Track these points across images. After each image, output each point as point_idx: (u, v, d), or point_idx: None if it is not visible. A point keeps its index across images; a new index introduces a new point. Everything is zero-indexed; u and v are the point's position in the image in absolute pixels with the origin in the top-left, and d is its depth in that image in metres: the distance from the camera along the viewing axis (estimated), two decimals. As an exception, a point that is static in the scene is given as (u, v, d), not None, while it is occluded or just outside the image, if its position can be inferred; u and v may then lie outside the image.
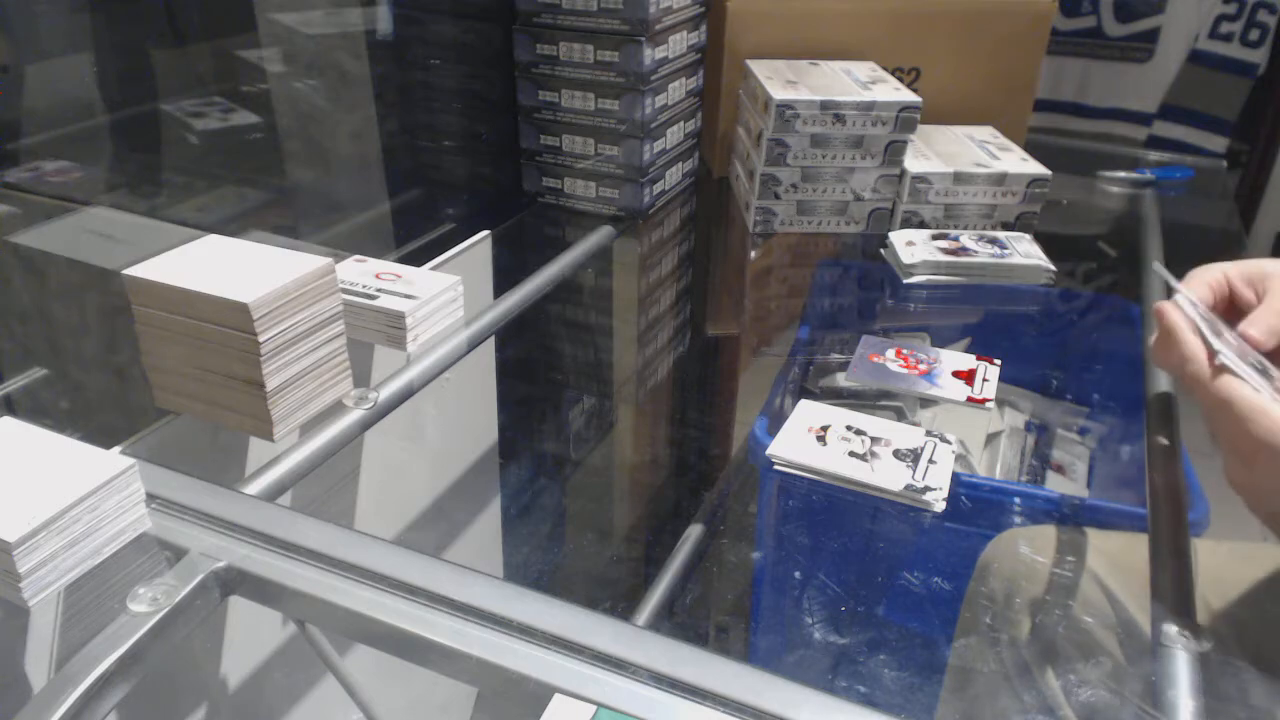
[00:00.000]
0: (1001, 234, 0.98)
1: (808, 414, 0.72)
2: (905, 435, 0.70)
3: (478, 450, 0.99)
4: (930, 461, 0.67)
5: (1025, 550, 0.67)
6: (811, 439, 0.70)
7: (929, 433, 0.71)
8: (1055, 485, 1.00)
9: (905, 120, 0.99)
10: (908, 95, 0.99)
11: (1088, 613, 0.61)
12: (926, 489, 0.64)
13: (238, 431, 0.60)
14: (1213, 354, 0.48)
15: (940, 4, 1.13)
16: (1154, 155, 1.42)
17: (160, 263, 0.57)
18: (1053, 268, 0.92)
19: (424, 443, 0.89)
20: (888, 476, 0.66)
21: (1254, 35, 1.48)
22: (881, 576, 0.79)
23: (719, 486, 1.05)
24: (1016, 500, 0.74)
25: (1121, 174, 1.27)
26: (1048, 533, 0.68)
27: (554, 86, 1.06)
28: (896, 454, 0.68)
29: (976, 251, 0.94)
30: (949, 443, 0.70)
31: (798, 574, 0.82)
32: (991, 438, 1.01)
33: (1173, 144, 1.56)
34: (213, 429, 0.61)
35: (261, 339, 0.53)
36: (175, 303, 0.55)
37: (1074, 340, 1.08)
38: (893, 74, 1.08)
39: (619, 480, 1.26)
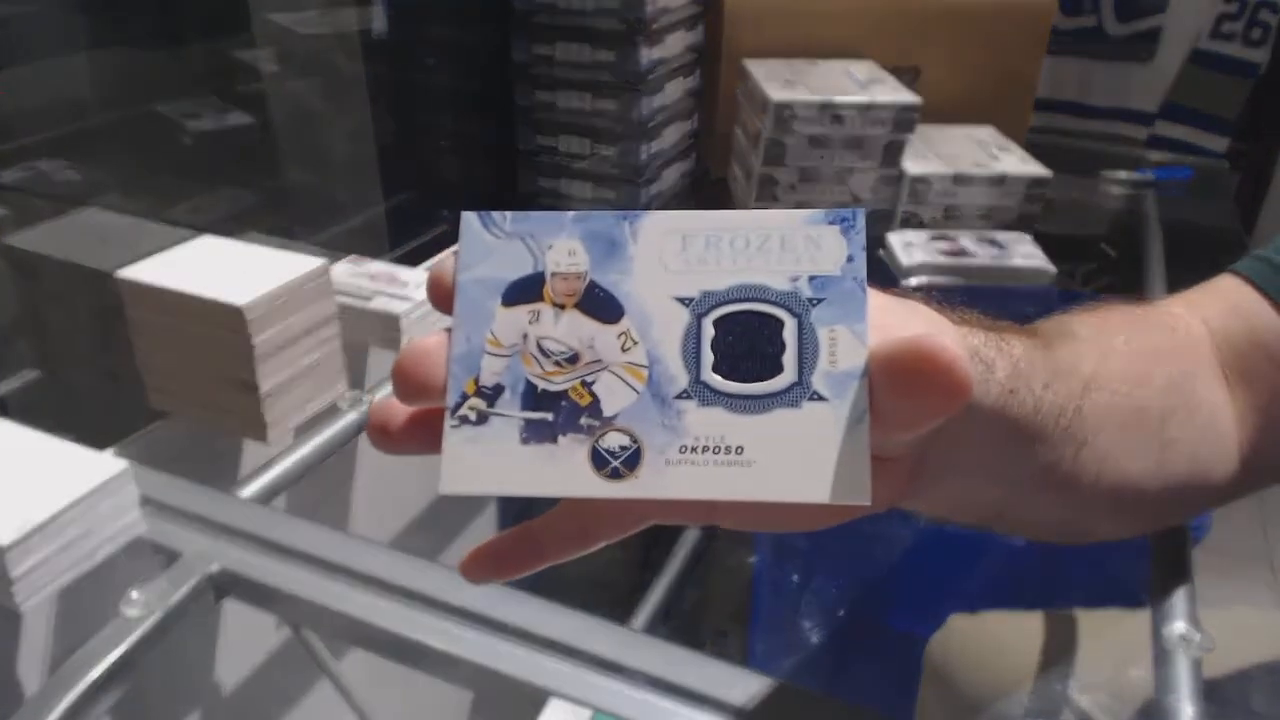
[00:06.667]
0: (1001, 235, 0.98)
1: None
2: None
3: (475, 452, 0.99)
4: None
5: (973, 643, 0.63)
6: None
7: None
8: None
9: (904, 120, 0.99)
10: (907, 95, 0.99)
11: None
12: None
13: (232, 434, 0.59)
14: None
15: (940, 3, 1.12)
16: (1155, 155, 1.41)
17: (154, 264, 0.57)
18: (1053, 268, 0.92)
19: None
20: None
21: (1256, 35, 1.48)
22: (881, 579, 0.79)
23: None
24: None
25: (1122, 174, 1.27)
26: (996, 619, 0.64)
27: (550, 86, 1.06)
28: None
29: (976, 253, 0.94)
30: None
31: (796, 577, 0.82)
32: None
33: (1174, 144, 1.55)
34: (207, 432, 0.61)
35: (255, 341, 0.53)
36: (169, 305, 0.55)
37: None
38: (892, 73, 1.08)
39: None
